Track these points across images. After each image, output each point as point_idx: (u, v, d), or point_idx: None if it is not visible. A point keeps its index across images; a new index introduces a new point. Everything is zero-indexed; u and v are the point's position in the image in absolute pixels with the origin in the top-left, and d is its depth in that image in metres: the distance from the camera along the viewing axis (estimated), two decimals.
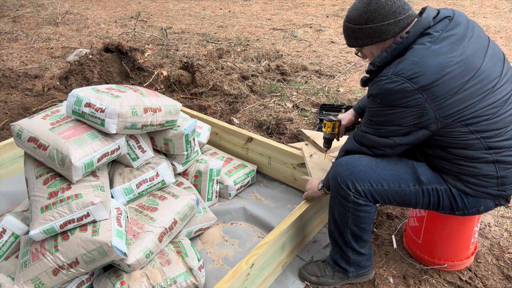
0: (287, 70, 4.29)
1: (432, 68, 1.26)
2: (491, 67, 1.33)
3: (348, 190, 1.50)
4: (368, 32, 1.41)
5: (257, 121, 3.23)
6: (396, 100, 1.31)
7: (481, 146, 1.36)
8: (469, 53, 1.30)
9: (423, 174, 1.47)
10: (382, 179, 1.47)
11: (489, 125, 1.34)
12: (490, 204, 1.49)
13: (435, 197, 1.48)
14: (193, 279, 1.65)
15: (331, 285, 1.75)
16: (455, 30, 1.32)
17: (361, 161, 1.50)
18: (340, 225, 1.60)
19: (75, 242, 1.53)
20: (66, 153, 1.58)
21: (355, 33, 1.44)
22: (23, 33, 5.94)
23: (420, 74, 1.27)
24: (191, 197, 1.94)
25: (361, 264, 1.70)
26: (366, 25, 1.40)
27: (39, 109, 3.46)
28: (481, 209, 1.49)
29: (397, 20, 1.37)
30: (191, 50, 5.17)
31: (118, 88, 1.86)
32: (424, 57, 1.29)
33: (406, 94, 1.29)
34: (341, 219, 1.58)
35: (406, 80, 1.28)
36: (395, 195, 1.49)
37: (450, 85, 1.27)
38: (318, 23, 6.44)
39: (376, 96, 1.37)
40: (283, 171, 2.41)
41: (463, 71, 1.28)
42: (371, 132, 1.45)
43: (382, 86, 1.33)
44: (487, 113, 1.32)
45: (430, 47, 1.30)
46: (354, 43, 1.48)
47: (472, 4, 7.36)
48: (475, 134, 1.34)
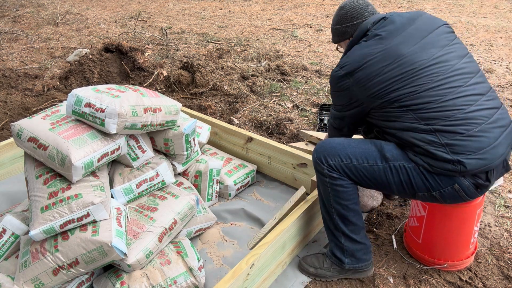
0: (287, 70, 4.29)
1: (356, 58, 1.57)
2: (418, 53, 1.52)
3: (322, 164, 1.66)
4: (336, 32, 1.83)
5: (257, 121, 3.23)
6: (334, 84, 1.66)
7: (411, 117, 1.50)
8: (394, 44, 1.54)
9: (388, 151, 1.58)
10: (351, 155, 1.63)
11: (414, 99, 1.50)
12: (466, 182, 1.48)
13: (405, 175, 1.54)
14: (193, 279, 1.65)
15: (329, 278, 1.78)
16: (386, 27, 1.59)
17: (334, 140, 1.71)
18: (326, 206, 1.70)
19: (75, 242, 1.53)
20: (66, 153, 1.58)
21: (332, 31, 1.88)
22: (23, 33, 5.94)
23: (347, 63, 1.59)
24: (191, 197, 1.94)
25: (356, 255, 1.71)
26: (336, 26, 1.82)
27: (39, 109, 3.46)
28: (456, 187, 1.49)
29: (353, 24, 1.75)
30: (191, 50, 5.17)
31: (118, 88, 1.86)
32: (354, 51, 1.61)
33: (338, 79, 1.62)
34: (325, 197, 1.69)
35: (339, 68, 1.62)
36: (364, 171, 1.60)
37: (371, 69, 1.54)
38: (318, 23, 6.44)
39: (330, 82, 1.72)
40: (283, 171, 2.41)
41: (383, 58, 1.53)
42: (333, 107, 1.80)
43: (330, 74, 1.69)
44: (409, 90, 1.50)
45: (361, 44, 1.62)
46: (332, 40, 1.91)
47: (472, 4, 7.37)
48: (403, 108, 1.52)
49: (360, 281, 1.78)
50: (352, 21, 1.75)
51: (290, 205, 1.93)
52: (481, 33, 5.55)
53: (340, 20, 1.78)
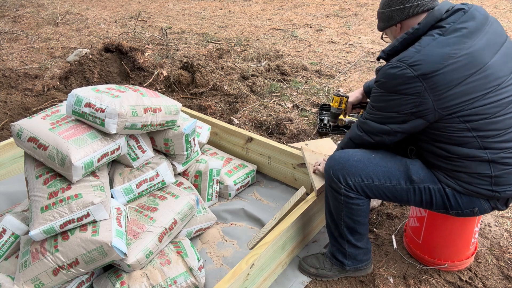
0: (287, 70, 4.29)
1: (435, 58, 1.27)
2: (501, 65, 1.31)
3: (339, 183, 1.53)
4: (382, 17, 1.56)
5: (257, 121, 3.23)
6: (396, 86, 1.33)
7: (477, 145, 1.35)
8: (478, 48, 1.29)
9: (415, 173, 1.47)
10: (373, 175, 1.49)
11: (488, 124, 1.32)
12: (485, 206, 1.47)
13: (427, 196, 1.48)
14: (193, 279, 1.65)
15: (329, 278, 1.78)
16: (468, 23, 1.31)
17: (354, 156, 1.53)
18: (335, 217, 1.64)
19: (75, 242, 1.53)
20: (66, 153, 1.58)
21: (378, 17, 1.60)
22: (23, 33, 5.94)
23: (421, 62, 1.28)
24: (191, 197, 1.94)
25: (357, 258, 1.71)
26: (382, 10, 1.55)
27: (39, 109, 3.46)
28: (475, 210, 1.47)
29: (402, 7, 1.45)
30: (191, 50, 5.17)
31: (118, 88, 1.86)
32: (428, 46, 1.30)
33: (406, 80, 1.30)
34: (335, 211, 1.62)
35: (407, 66, 1.29)
36: (386, 190, 1.50)
37: (451, 76, 1.26)
38: (318, 23, 6.44)
39: (379, 82, 1.40)
40: (283, 171, 2.41)
41: (468, 64, 1.27)
42: (371, 118, 1.48)
43: (385, 71, 1.36)
44: (488, 111, 1.31)
45: (437, 38, 1.31)
46: (378, 26, 1.63)
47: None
48: (472, 132, 1.33)
49: (360, 281, 1.78)
50: (401, 4, 1.45)
51: (290, 205, 1.93)
52: None
53: (388, 2, 1.50)
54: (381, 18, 1.57)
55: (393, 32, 1.54)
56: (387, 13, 1.50)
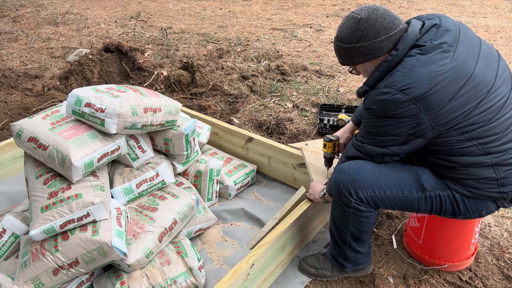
0: (287, 70, 4.29)
1: (424, 78, 1.26)
2: (485, 70, 1.32)
3: (350, 196, 1.50)
4: (360, 50, 1.39)
5: (257, 121, 3.23)
6: (390, 111, 1.31)
7: (479, 152, 1.35)
8: (461, 59, 1.29)
9: (426, 181, 1.46)
10: (385, 186, 1.46)
11: (486, 131, 1.33)
12: (492, 207, 1.48)
13: (438, 203, 1.48)
14: (193, 279, 1.65)
15: (329, 278, 1.78)
16: (445, 37, 1.31)
17: (364, 167, 1.49)
18: (340, 227, 1.63)
19: (75, 242, 1.53)
20: (66, 153, 1.58)
21: (347, 52, 1.43)
22: (23, 33, 5.94)
23: (411, 85, 1.26)
24: (191, 197, 1.94)
25: (358, 261, 1.72)
26: (359, 43, 1.38)
27: (39, 109, 3.46)
28: (483, 213, 1.49)
29: (388, 36, 1.35)
30: (191, 50, 5.17)
31: (118, 88, 1.86)
32: (414, 68, 1.28)
33: (399, 105, 1.28)
34: (342, 222, 1.60)
35: (398, 91, 1.28)
36: (397, 201, 1.49)
37: (443, 93, 1.26)
38: (318, 23, 6.44)
39: (371, 109, 1.37)
40: (283, 171, 2.41)
41: (456, 78, 1.27)
42: (368, 142, 1.47)
43: (375, 98, 1.34)
44: (483, 119, 1.31)
45: (419, 58, 1.29)
46: (347, 62, 1.47)
47: (472, 4, 7.36)
48: (472, 141, 1.34)
49: (360, 281, 1.78)
50: (386, 33, 1.35)
51: (290, 205, 1.93)
52: (481, 33, 5.55)
53: (367, 34, 1.36)
54: (358, 53, 1.40)
55: (373, 63, 1.43)
56: (373, 45, 1.37)
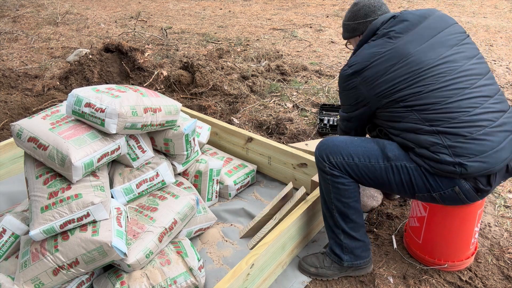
0: (287, 70, 4.29)
1: (365, 57, 1.58)
2: (426, 52, 1.50)
3: (323, 161, 1.67)
4: (346, 28, 1.83)
5: (257, 121, 3.23)
6: (342, 83, 1.67)
7: (415, 117, 1.50)
8: (401, 43, 1.53)
9: (390, 151, 1.59)
10: (353, 154, 1.63)
11: (419, 100, 1.49)
12: (466, 186, 1.48)
13: (406, 175, 1.55)
14: (193, 279, 1.65)
15: (329, 277, 1.78)
16: (395, 27, 1.58)
17: (337, 138, 1.71)
18: (327, 203, 1.71)
19: (75, 242, 1.53)
20: (66, 153, 1.58)
21: (343, 27, 1.87)
22: (23, 33, 5.94)
23: (355, 62, 1.60)
24: (191, 197, 1.94)
25: (355, 253, 1.72)
26: (347, 22, 1.81)
27: (39, 109, 3.46)
28: (456, 189, 1.49)
29: (365, 21, 1.75)
30: (191, 50, 5.17)
31: (118, 88, 1.86)
32: (362, 50, 1.62)
33: (346, 78, 1.63)
34: (326, 194, 1.71)
35: (347, 67, 1.63)
36: (366, 170, 1.61)
37: (377, 68, 1.54)
38: (318, 23, 6.44)
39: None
40: (283, 171, 2.41)
41: (390, 57, 1.53)
42: (341, 109, 1.82)
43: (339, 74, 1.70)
44: (415, 90, 1.49)
45: (370, 43, 1.62)
46: (343, 35, 1.89)
47: (472, 4, 7.36)
48: (408, 109, 1.52)
49: (360, 281, 1.78)
50: (364, 18, 1.75)
51: (290, 205, 1.93)
52: (481, 33, 5.55)
53: (352, 16, 1.78)
54: (346, 29, 1.83)
55: (356, 41, 1.82)
56: (352, 25, 1.78)
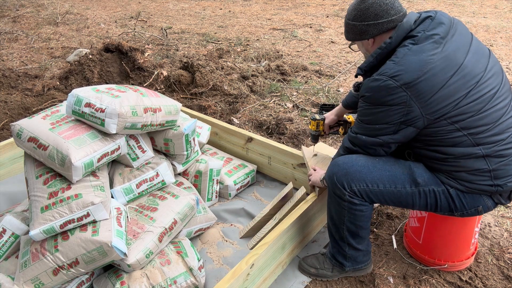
0: (287, 70, 4.29)
1: (414, 66, 1.30)
2: (474, 63, 1.35)
3: (343, 189, 1.52)
4: (352, 29, 1.52)
5: (257, 121, 3.23)
6: (381, 98, 1.35)
7: (469, 143, 1.37)
8: (451, 50, 1.33)
9: (419, 176, 1.47)
10: (378, 180, 1.49)
11: (476, 121, 1.35)
12: (489, 203, 1.48)
13: (432, 199, 1.48)
14: (193, 279, 1.65)
15: (329, 278, 1.78)
16: (437, 29, 1.36)
17: (358, 161, 1.52)
18: (336, 222, 1.64)
19: (75, 242, 1.53)
20: (66, 153, 1.58)
21: (346, 26, 1.56)
22: (23, 33, 5.94)
23: (401, 72, 1.31)
24: (191, 197, 1.94)
25: (357, 260, 1.72)
26: (352, 21, 1.51)
27: (39, 109, 3.46)
28: (479, 209, 1.48)
29: (377, 23, 1.44)
30: (191, 50, 5.17)
31: (118, 88, 1.86)
32: (405, 56, 1.33)
33: (390, 91, 1.32)
34: (338, 216, 1.61)
35: (389, 78, 1.32)
36: (391, 195, 1.50)
37: (433, 81, 1.30)
38: (318, 23, 6.44)
39: (364, 96, 1.42)
40: (283, 171, 2.41)
41: (446, 67, 1.31)
42: (361, 132, 1.49)
43: (368, 85, 1.39)
44: (473, 109, 1.33)
45: (411, 48, 1.34)
46: (346, 36, 1.59)
47: (472, 4, 7.36)
48: (462, 131, 1.36)
49: (360, 281, 1.78)
50: (375, 19, 1.44)
51: (290, 205, 1.93)
52: (481, 33, 5.55)
53: (360, 16, 1.47)
54: (352, 30, 1.52)
55: (365, 45, 1.54)
56: (360, 27, 1.48)
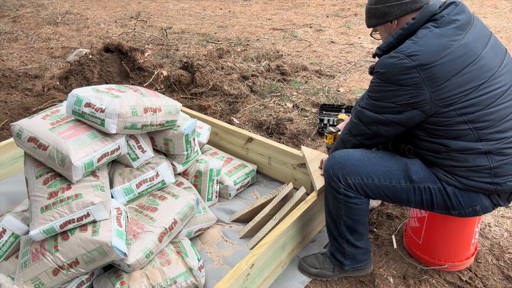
0: (287, 70, 4.29)
1: (433, 48, 1.28)
2: (492, 56, 1.34)
3: (339, 182, 1.54)
4: (375, 13, 1.51)
5: (257, 121, 3.23)
6: (395, 76, 1.33)
7: (473, 137, 1.36)
8: (472, 39, 1.31)
9: (414, 173, 1.47)
10: (373, 174, 1.50)
11: (483, 116, 1.33)
12: (487, 203, 1.46)
13: (428, 196, 1.48)
14: (193, 279, 1.65)
15: (329, 278, 1.78)
16: (460, 15, 1.34)
17: (353, 155, 1.54)
18: (334, 216, 1.64)
19: (75, 242, 1.53)
20: (66, 153, 1.58)
21: (368, 13, 1.56)
22: (23, 33, 5.94)
23: (419, 52, 1.29)
24: (191, 197, 1.94)
25: (356, 258, 1.72)
26: (375, 5, 1.50)
27: (39, 109, 3.46)
28: (477, 208, 1.47)
29: (400, 3, 1.43)
30: (191, 50, 5.17)
31: (118, 88, 1.86)
32: (425, 37, 1.31)
33: (404, 70, 1.30)
34: (335, 210, 1.63)
35: (405, 56, 1.30)
36: (386, 190, 1.51)
37: (449, 67, 1.28)
38: (318, 23, 6.43)
39: (378, 72, 1.41)
40: (283, 171, 2.41)
41: (464, 55, 1.29)
42: (368, 107, 1.48)
43: (383, 62, 1.38)
44: (483, 102, 1.32)
45: (433, 30, 1.33)
46: (368, 23, 1.58)
47: (472, 4, 7.36)
48: (468, 124, 1.35)
49: (360, 281, 1.78)
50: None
51: (290, 205, 1.93)
52: None
53: None
54: (374, 14, 1.52)
55: (387, 28, 1.53)
56: (382, 9, 1.47)
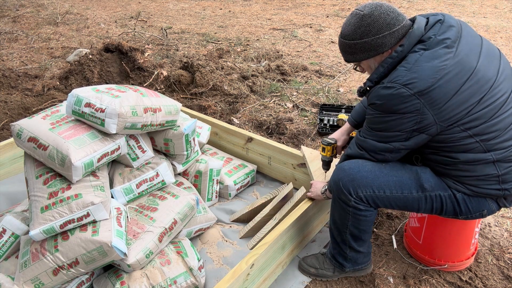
0: (287, 70, 4.29)
1: (427, 73, 1.26)
2: (487, 66, 1.33)
3: (349, 195, 1.50)
4: (364, 47, 1.41)
5: (257, 121, 3.23)
6: (394, 106, 1.31)
7: (481, 149, 1.35)
8: (464, 54, 1.29)
9: (426, 181, 1.46)
10: (385, 186, 1.47)
11: (488, 127, 1.33)
12: (493, 206, 1.48)
13: (438, 203, 1.48)
14: (193, 279, 1.65)
15: (329, 278, 1.78)
16: (447, 33, 1.32)
17: (364, 166, 1.49)
18: (339, 226, 1.63)
19: (75, 242, 1.53)
20: (66, 153, 1.58)
21: (351, 48, 1.44)
22: (23, 33, 5.94)
23: (415, 79, 1.26)
24: (191, 197, 1.94)
25: (358, 261, 1.72)
26: (361, 39, 1.39)
27: (39, 109, 3.46)
28: (484, 212, 1.48)
29: (391, 32, 1.36)
30: (191, 50, 5.17)
31: (118, 88, 1.86)
32: (417, 63, 1.29)
33: (403, 100, 1.28)
34: (341, 220, 1.60)
35: (402, 85, 1.28)
36: (397, 201, 1.49)
37: (447, 87, 1.26)
38: (318, 23, 6.43)
39: (375, 104, 1.38)
40: (283, 171, 2.41)
41: (459, 72, 1.27)
42: (371, 137, 1.46)
43: (379, 93, 1.35)
44: (486, 115, 1.32)
45: (423, 53, 1.30)
46: (351, 58, 1.48)
47: (472, 4, 7.36)
48: (474, 138, 1.34)
49: (360, 281, 1.78)
50: (388, 28, 1.35)
51: (290, 205, 1.93)
52: (481, 33, 5.54)
53: (370, 30, 1.37)
54: (360, 50, 1.41)
55: (377, 59, 1.44)
56: (374, 41, 1.38)
